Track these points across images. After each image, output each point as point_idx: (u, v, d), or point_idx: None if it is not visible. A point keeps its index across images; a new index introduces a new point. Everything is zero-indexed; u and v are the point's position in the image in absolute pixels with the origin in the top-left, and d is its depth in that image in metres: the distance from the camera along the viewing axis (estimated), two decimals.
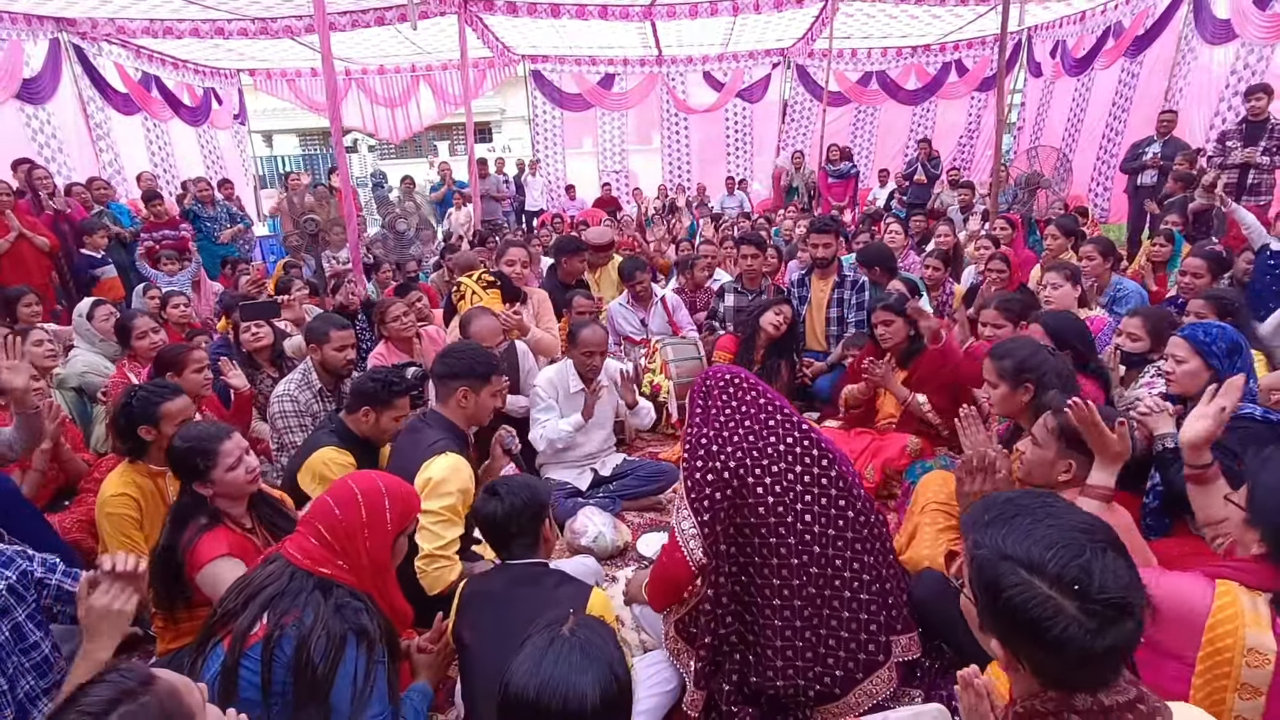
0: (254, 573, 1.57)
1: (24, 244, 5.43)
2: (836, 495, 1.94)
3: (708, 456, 1.90)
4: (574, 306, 4.41)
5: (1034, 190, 7.75)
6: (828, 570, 1.93)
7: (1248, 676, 1.28)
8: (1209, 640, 1.31)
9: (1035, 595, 0.92)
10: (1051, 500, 1.04)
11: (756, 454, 1.92)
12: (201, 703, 1.03)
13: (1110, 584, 0.91)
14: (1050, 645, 0.92)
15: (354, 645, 1.47)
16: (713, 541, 1.87)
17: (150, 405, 2.28)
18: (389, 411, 2.58)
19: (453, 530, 2.22)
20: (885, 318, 3.42)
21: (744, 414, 2.00)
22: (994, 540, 0.98)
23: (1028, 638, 0.94)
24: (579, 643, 1.10)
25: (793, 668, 1.90)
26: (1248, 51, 6.98)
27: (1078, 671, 0.94)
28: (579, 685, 1.04)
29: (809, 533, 1.92)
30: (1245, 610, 1.32)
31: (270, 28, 8.41)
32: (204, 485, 1.98)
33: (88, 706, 0.92)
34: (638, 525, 3.23)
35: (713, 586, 1.90)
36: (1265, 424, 2.02)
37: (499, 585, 1.81)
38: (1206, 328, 2.20)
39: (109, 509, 2.24)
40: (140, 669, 1.00)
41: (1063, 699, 0.97)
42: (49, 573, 1.71)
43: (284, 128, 20.59)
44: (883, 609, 1.95)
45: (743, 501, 1.90)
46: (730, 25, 10.05)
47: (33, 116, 7.70)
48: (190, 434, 2.00)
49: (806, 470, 1.94)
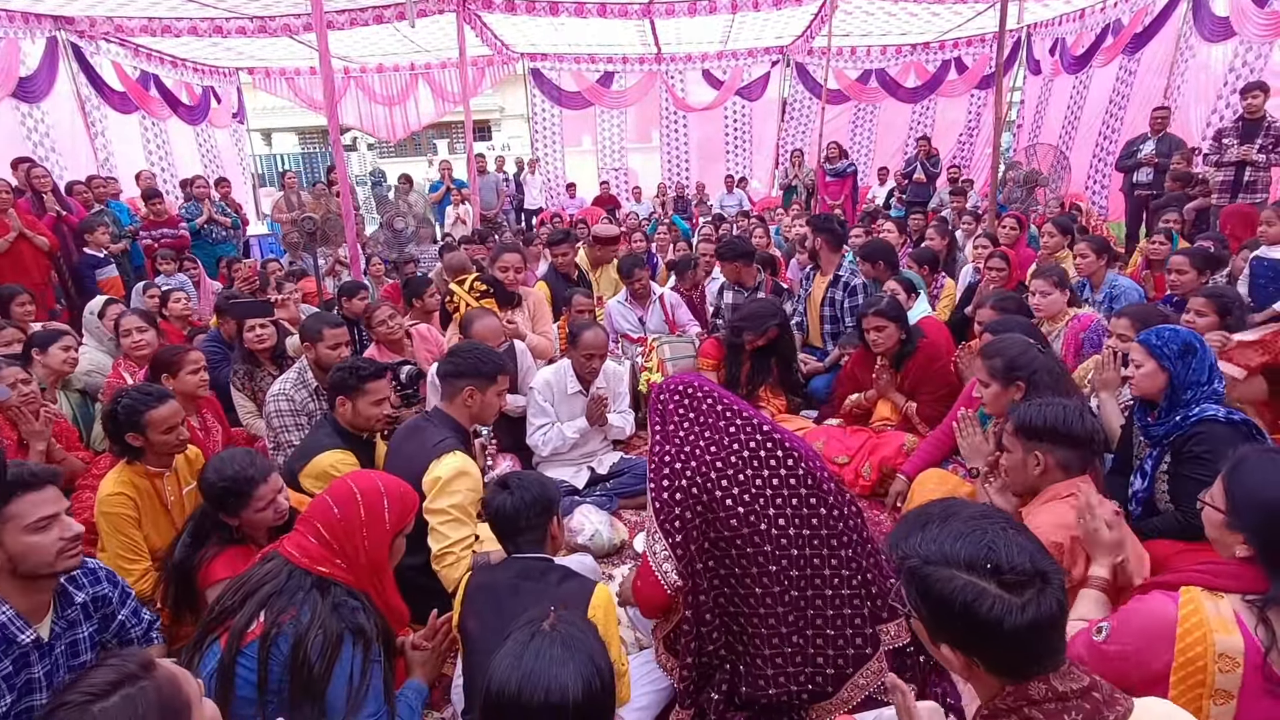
0: (251, 570, 1.59)
1: (23, 243, 5.43)
2: (807, 494, 1.93)
3: (673, 475, 1.88)
4: (573, 304, 4.42)
5: (1032, 188, 7.76)
6: (807, 571, 1.92)
7: (1220, 682, 1.29)
8: (1180, 650, 1.32)
9: (957, 584, 0.99)
10: (952, 502, 1.12)
11: (720, 465, 1.90)
12: (199, 694, 1.05)
13: (1016, 556, 0.98)
14: (984, 628, 0.97)
15: (350, 644, 1.49)
16: (687, 562, 1.86)
17: (135, 413, 2.24)
18: (363, 398, 2.57)
19: (461, 530, 2.22)
20: (877, 323, 3.39)
21: (703, 424, 1.97)
22: (914, 549, 1.05)
23: (964, 628, 1.00)
24: (559, 637, 1.11)
25: (784, 674, 1.90)
26: (1246, 49, 6.98)
27: (1020, 652, 0.99)
28: (560, 677, 1.06)
29: (784, 536, 1.90)
30: (1209, 616, 1.32)
31: (268, 26, 8.41)
32: (231, 518, 1.99)
33: (90, 687, 0.95)
34: (634, 523, 3.24)
35: (692, 607, 1.89)
36: (1229, 425, 2.03)
37: (504, 578, 1.83)
38: (1160, 331, 2.23)
39: (105, 508, 2.25)
40: (141, 655, 1.03)
41: (1019, 691, 1.00)
42: (121, 606, 1.76)
43: (283, 126, 20.57)
44: (866, 600, 1.93)
45: (714, 516, 1.88)
46: (729, 23, 10.05)
47: (27, 115, 7.68)
48: (227, 472, 1.95)
49: (774, 473, 1.93)
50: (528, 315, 4.25)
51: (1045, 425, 1.90)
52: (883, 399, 3.54)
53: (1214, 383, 2.14)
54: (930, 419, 3.27)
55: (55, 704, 0.95)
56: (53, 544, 1.52)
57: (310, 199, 7.02)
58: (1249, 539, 1.39)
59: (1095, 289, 4.08)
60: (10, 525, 1.48)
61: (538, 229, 9.99)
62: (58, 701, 0.95)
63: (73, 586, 1.66)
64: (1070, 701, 0.98)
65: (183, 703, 1.01)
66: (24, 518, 1.49)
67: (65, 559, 1.55)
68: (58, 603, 1.62)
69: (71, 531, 1.56)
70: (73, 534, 1.56)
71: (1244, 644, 1.29)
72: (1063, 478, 1.92)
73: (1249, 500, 1.40)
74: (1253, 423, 2.09)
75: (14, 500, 1.49)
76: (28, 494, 1.51)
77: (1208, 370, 2.14)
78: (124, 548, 2.26)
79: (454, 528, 2.20)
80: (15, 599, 1.53)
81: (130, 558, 2.26)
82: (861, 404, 3.63)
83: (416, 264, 6.83)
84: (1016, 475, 2.00)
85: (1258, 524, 1.38)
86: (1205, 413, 2.07)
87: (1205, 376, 2.13)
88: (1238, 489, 1.42)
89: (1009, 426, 2.00)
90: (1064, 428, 1.89)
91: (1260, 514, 1.37)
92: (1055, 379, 2.41)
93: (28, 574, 1.53)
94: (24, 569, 1.51)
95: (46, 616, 1.59)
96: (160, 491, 2.35)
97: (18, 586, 1.53)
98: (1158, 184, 6.73)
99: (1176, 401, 2.14)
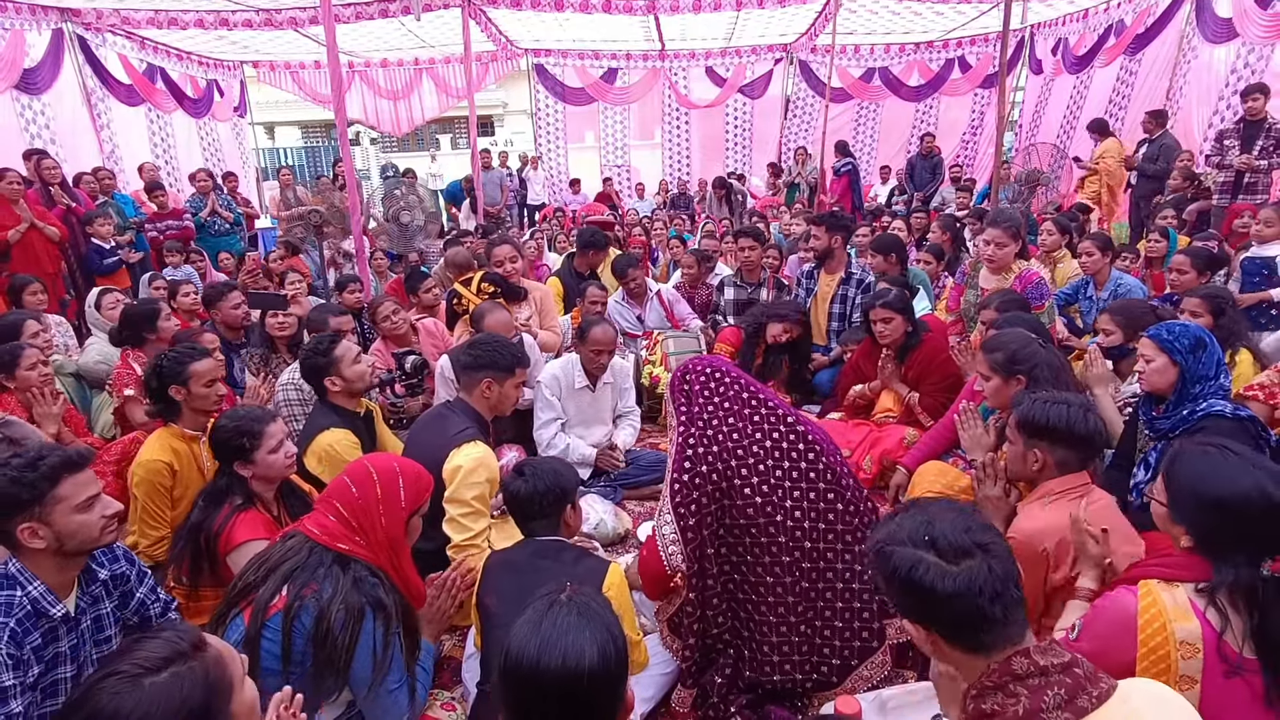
0: (274, 547, 1.64)
1: (34, 234, 5.47)
2: (825, 488, 1.94)
3: (694, 459, 1.89)
4: (587, 297, 4.44)
5: (1034, 187, 7.79)
6: (820, 564, 1.94)
7: (1184, 669, 1.33)
8: (1143, 641, 1.36)
9: (905, 557, 1.11)
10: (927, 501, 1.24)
11: (742, 453, 1.91)
12: (242, 674, 1.10)
13: (949, 530, 1.10)
14: (925, 593, 1.08)
15: (371, 618, 1.53)
16: (695, 546, 1.87)
17: (180, 364, 2.38)
18: (339, 367, 2.63)
19: (480, 522, 2.26)
20: (885, 315, 3.44)
21: (727, 409, 1.98)
22: (875, 537, 1.19)
23: (910, 595, 1.11)
24: (576, 607, 1.15)
25: (789, 662, 1.92)
26: (1248, 51, 7.01)
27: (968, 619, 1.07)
28: (577, 644, 1.10)
29: (799, 529, 1.92)
30: (1167, 607, 1.37)
31: (275, 19, 8.43)
32: (245, 465, 2.06)
33: (142, 660, 0.98)
34: (638, 514, 3.28)
35: (696, 590, 1.91)
36: (1235, 421, 2.05)
37: (522, 556, 1.87)
38: (1170, 326, 2.25)
39: (143, 473, 2.35)
40: (193, 633, 1.06)
41: (1004, 668, 1.05)
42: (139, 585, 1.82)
43: (286, 120, 20.57)
44: (875, 595, 1.96)
45: (730, 503, 1.90)
46: (733, 20, 10.06)
47: (27, 107, 7.67)
48: (238, 414, 2.11)
49: (794, 465, 1.94)
50: (535, 310, 4.28)
51: (1048, 424, 1.89)
52: (886, 390, 3.58)
53: (1221, 377, 2.17)
54: (932, 410, 3.31)
55: (108, 670, 0.97)
56: (97, 521, 1.60)
57: (307, 194, 7.05)
58: (1189, 530, 1.43)
59: (1100, 286, 4.10)
60: (61, 506, 1.55)
61: (540, 224, 10.02)
62: (110, 669, 0.98)
63: (95, 564, 1.71)
64: (1052, 676, 1.02)
65: (227, 683, 1.04)
66: (73, 498, 1.56)
67: (108, 534, 1.64)
68: (82, 579, 1.68)
69: (111, 509, 1.64)
70: (112, 511, 1.64)
71: (1201, 630, 1.33)
72: (1060, 474, 1.93)
73: (1184, 493, 1.44)
74: (1259, 419, 2.12)
75: (62, 482, 1.55)
76: (73, 475, 1.58)
77: (1215, 365, 2.16)
78: (149, 514, 2.37)
79: (475, 519, 2.24)
80: (48, 576, 1.59)
81: (153, 523, 2.38)
82: (865, 395, 3.67)
83: (423, 256, 6.86)
84: (1016, 467, 2.03)
85: (1194, 516, 1.42)
86: (1213, 408, 2.09)
87: (1214, 371, 2.16)
88: (1175, 483, 1.46)
89: (1012, 419, 2.02)
90: (1066, 428, 1.88)
91: (1196, 506, 1.41)
92: (1055, 373, 2.45)
93: (74, 551, 1.60)
94: (71, 546, 1.58)
95: (72, 592, 1.65)
96: (198, 456, 2.44)
97: (55, 564, 1.59)
98: (1157, 184, 6.76)
99: (1185, 395, 2.16)
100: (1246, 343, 2.93)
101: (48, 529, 1.54)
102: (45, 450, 1.59)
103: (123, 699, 0.94)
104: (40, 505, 1.53)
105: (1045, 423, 1.90)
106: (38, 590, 1.56)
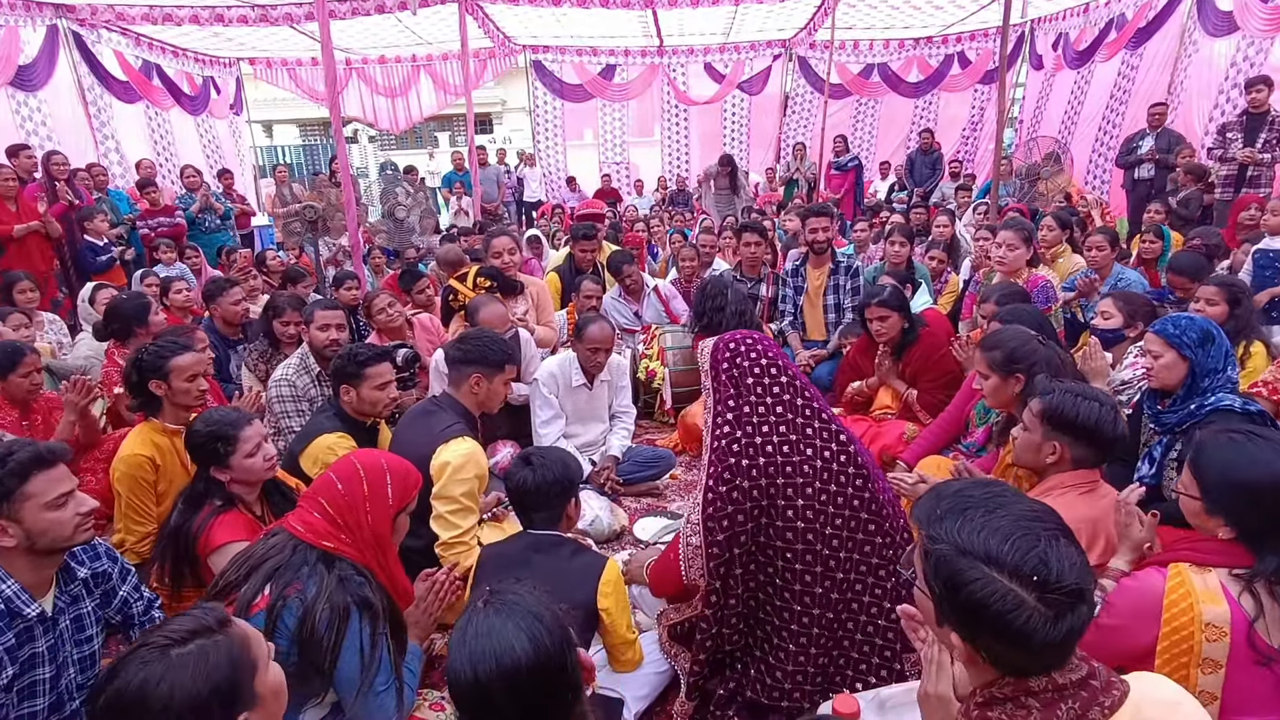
0: (256, 545, 1.59)
1: (32, 232, 5.43)
2: (868, 519, 1.82)
3: (735, 471, 1.73)
4: (581, 291, 4.41)
5: (1035, 181, 7.75)
6: (848, 595, 1.86)
7: (1208, 651, 1.30)
8: (1167, 621, 1.34)
9: (996, 589, 0.93)
10: (1000, 490, 1.05)
11: (791, 470, 1.76)
12: (267, 656, 1.11)
13: (1066, 572, 0.92)
14: (1013, 637, 0.93)
15: (358, 617, 1.50)
16: (719, 564, 1.77)
17: (159, 359, 2.32)
18: (365, 383, 2.56)
19: (469, 519, 2.22)
20: (880, 313, 3.39)
21: (779, 415, 1.80)
22: (950, 534, 0.98)
23: (990, 631, 0.95)
24: (494, 607, 1.13)
25: (800, 690, 1.86)
26: (1248, 44, 6.96)
27: (1037, 659, 0.97)
28: (504, 640, 1.07)
29: (834, 558, 1.82)
30: (1196, 588, 1.34)
31: (270, 15, 8.37)
32: (222, 470, 2.00)
33: (172, 633, 1.03)
34: (635, 510, 3.25)
35: (715, 607, 1.83)
36: (1245, 415, 2.00)
37: (517, 549, 1.84)
38: (1175, 320, 2.19)
39: (125, 468, 2.29)
40: (219, 612, 1.09)
41: (1019, 683, 1.00)
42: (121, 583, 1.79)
43: (284, 118, 20.50)
44: (900, 633, 1.84)
45: (769, 522, 1.79)
46: (732, 15, 10.02)
47: (22, 104, 7.63)
48: (212, 418, 2.04)
49: (841, 490, 1.81)
50: (531, 304, 4.25)
51: (1076, 420, 1.80)
52: (884, 386, 3.55)
53: (1229, 370, 2.12)
54: (931, 407, 3.28)
55: (139, 643, 1.03)
56: (70, 519, 1.56)
57: (303, 191, 7.02)
58: (1228, 520, 1.40)
59: (1101, 280, 4.07)
60: (30, 503, 1.51)
61: (538, 221, 9.98)
62: (141, 641, 1.04)
63: (74, 562, 1.68)
64: (1068, 691, 0.98)
65: (250, 661, 1.07)
66: (43, 495, 1.52)
67: (81, 533, 1.59)
68: (60, 578, 1.64)
69: (86, 507, 1.59)
70: (87, 509, 1.59)
71: (1230, 614, 1.31)
72: (1073, 469, 1.87)
73: (1217, 483, 1.40)
74: (1268, 414, 2.08)
75: (32, 479, 1.51)
76: (44, 472, 1.54)
77: (1224, 357, 2.12)
78: (134, 509, 2.32)
79: (463, 516, 2.20)
80: (22, 574, 1.54)
81: (138, 519, 2.33)
82: (864, 391, 3.64)
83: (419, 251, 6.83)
84: (1027, 455, 1.94)
85: (1233, 505, 1.39)
86: (1221, 402, 2.04)
87: (1222, 364, 2.11)
88: (1205, 474, 1.43)
89: (1035, 405, 1.91)
90: (1095, 427, 1.80)
91: (1233, 494, 1.38)
92: (1055, 371, 2.41)
93: (46, 549, 1.55)
94: (42, 544, 1.54)
95: (50, 591, 1.61)
96: (179, 449, 2.38)
97: (29, 563, 1.55)
98: (1159, 179, 6.72)
99: (1194, 389, 2.11)
100: (1260, 335, 2.87)
101: (17, 526, 1.50)
102: (14, 445, 1.55)
103: (152, 668, 0.98)
104: (9, 502, 1.49)
105: (1074, 418, 1.81)
106: (11, 589, 1.51)
